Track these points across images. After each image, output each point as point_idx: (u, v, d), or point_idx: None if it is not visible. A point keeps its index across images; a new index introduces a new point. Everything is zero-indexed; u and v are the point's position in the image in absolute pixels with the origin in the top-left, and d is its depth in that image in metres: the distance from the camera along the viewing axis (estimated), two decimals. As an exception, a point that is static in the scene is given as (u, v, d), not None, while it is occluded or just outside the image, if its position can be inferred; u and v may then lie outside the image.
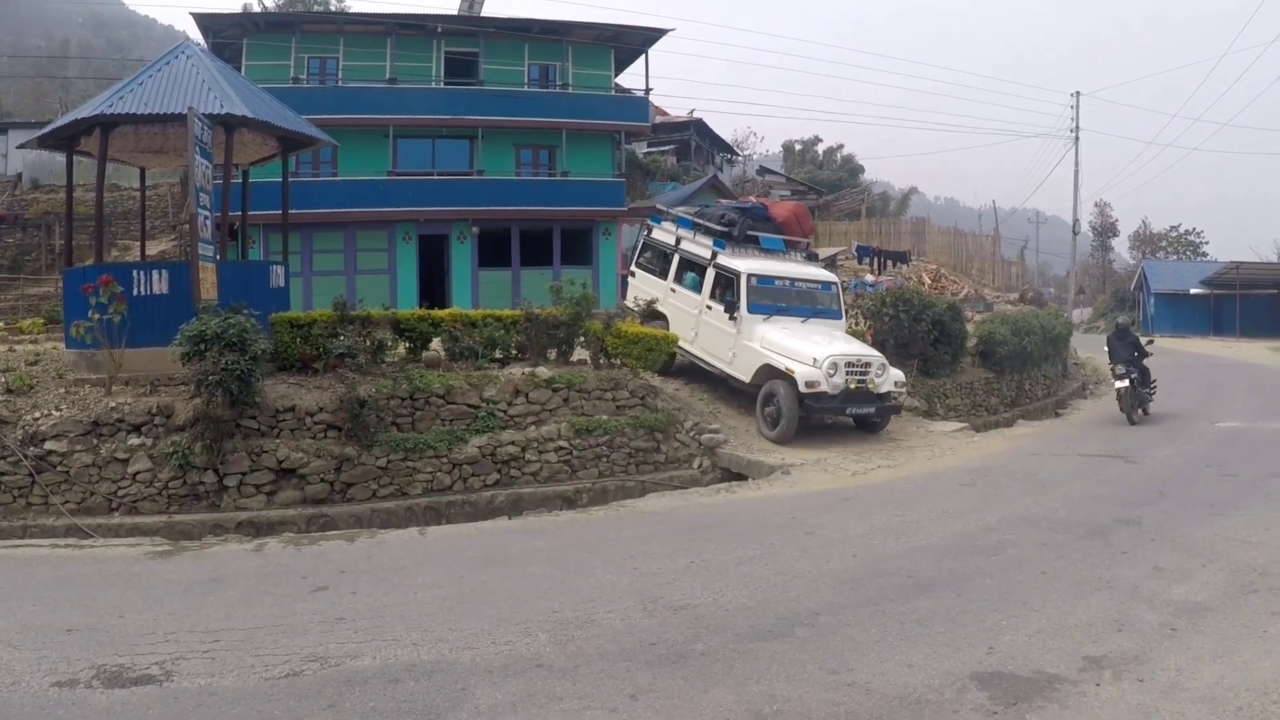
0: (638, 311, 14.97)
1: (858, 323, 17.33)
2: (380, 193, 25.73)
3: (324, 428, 10.66)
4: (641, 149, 39.66)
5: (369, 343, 11.85)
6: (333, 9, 42.11)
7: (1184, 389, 19.76)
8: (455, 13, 29.19)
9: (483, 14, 29.32)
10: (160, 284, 11.36)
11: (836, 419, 13.61)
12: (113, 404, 10.22)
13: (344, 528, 9.62)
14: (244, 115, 11.61)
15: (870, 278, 31.37)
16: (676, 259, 15.17)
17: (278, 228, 16.99)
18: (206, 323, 9.90)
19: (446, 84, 27.06)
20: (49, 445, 9.79)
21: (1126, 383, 15.47)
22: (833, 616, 5.80)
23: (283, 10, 39.61)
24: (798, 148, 59.36)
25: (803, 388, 12.42)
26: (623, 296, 18.25)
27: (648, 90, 30.47)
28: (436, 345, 12.80)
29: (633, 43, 29.38)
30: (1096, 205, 64.13)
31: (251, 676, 4.94)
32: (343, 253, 26.02)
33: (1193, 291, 44.34)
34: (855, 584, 6.53)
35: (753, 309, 13.59)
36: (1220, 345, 35.44)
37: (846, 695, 4.61)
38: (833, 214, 45.69)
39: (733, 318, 13.61)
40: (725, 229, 14.43)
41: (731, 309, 13.64)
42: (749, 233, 14.57)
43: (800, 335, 13.31)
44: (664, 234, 15.63)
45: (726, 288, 13.95)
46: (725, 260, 14.08)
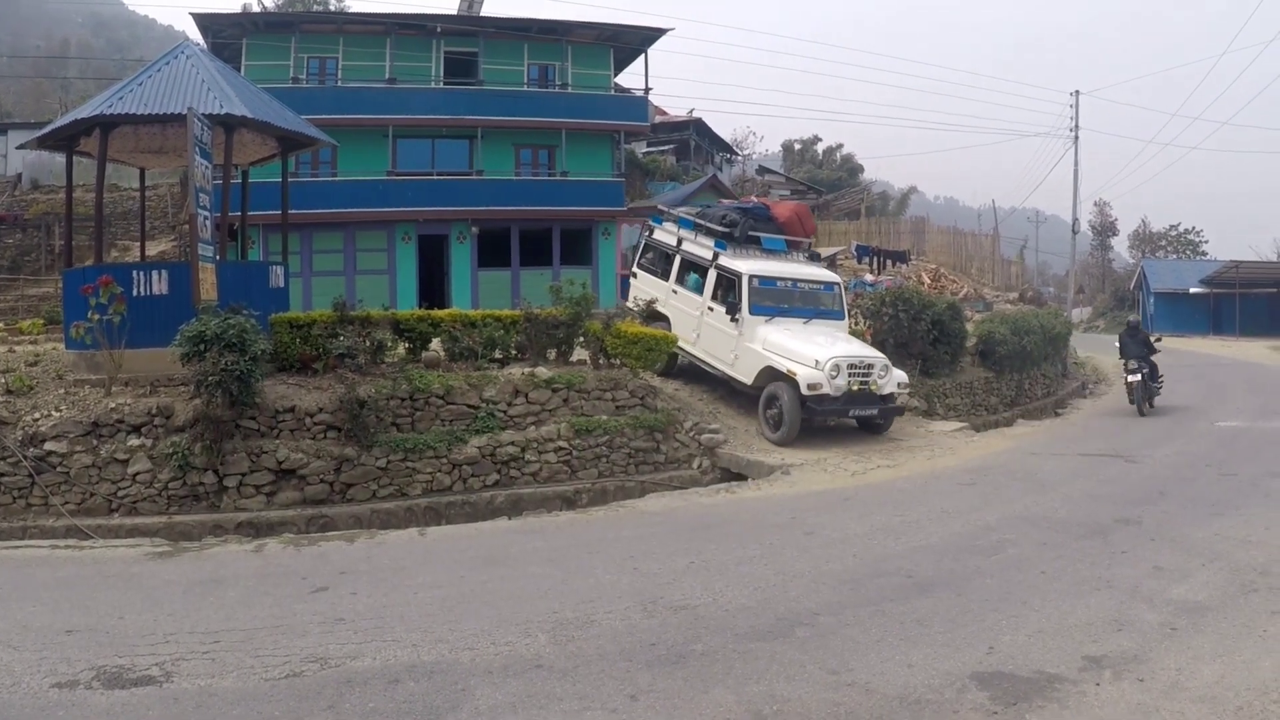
0: (639, 312, 14.93)
1: (857, 322, 17.31)
2: (380, 193, 25.72)
3: (324, 428, 10.66)
4: (641, 149, 39.65)
5: (369, 343, 11.86)
6: (332, 9, 42.08)
7: (1184, 388, 19.75)
8: (455, 12, 29.18)
9: (482, 14, 29.31)
10: (160, 284, 11.37)
11: (839, 421, 13.52)
12: (112, 405, 10.22)
13: (344, 528, 9.62)
14: (243, 115, 11.61)
15: (870, 277, 31.34)
16: (678, 260, 15.10)
17: (277, 228, 17.00)
18: (206, 323, 9.90)
19: (446, 84, 27.06)
20: (49, 446, 9.79)
21: (1138, 377, 16.34)
22: (833, 616, 5.80)
23: (282, 10, 39.59)
24: (797, 147, 59.34)
25: (805, 390, 12.34)
26: (625, 297, 18.22)
27: (647, 90, 30.54)
28: (436, 345, 12.81)
29: (632, 42, 29.38)
30: (1096, 204, 64.34)
31: (251, 677, 4.94)
32: (342, 253, 26.01)
33: (1192, 291, 44.33)
34: (855, 584, 6.53)
35: (754, 310, 13.50)
36: (1220, 344, 35.43)
37: (846, 695, 4.61)
38: (832, 214, 45.66)
39: (734, 319, 13.53)
40: (727, 229, 14.36)
41: (733, 310, 13.56)
42: (750, 233, 14.50)
43: (802, 337, 13.24)
44: (665, 235, 15.57)
45: (728, 289, 13.87)
46: (727, 261, 14.00)
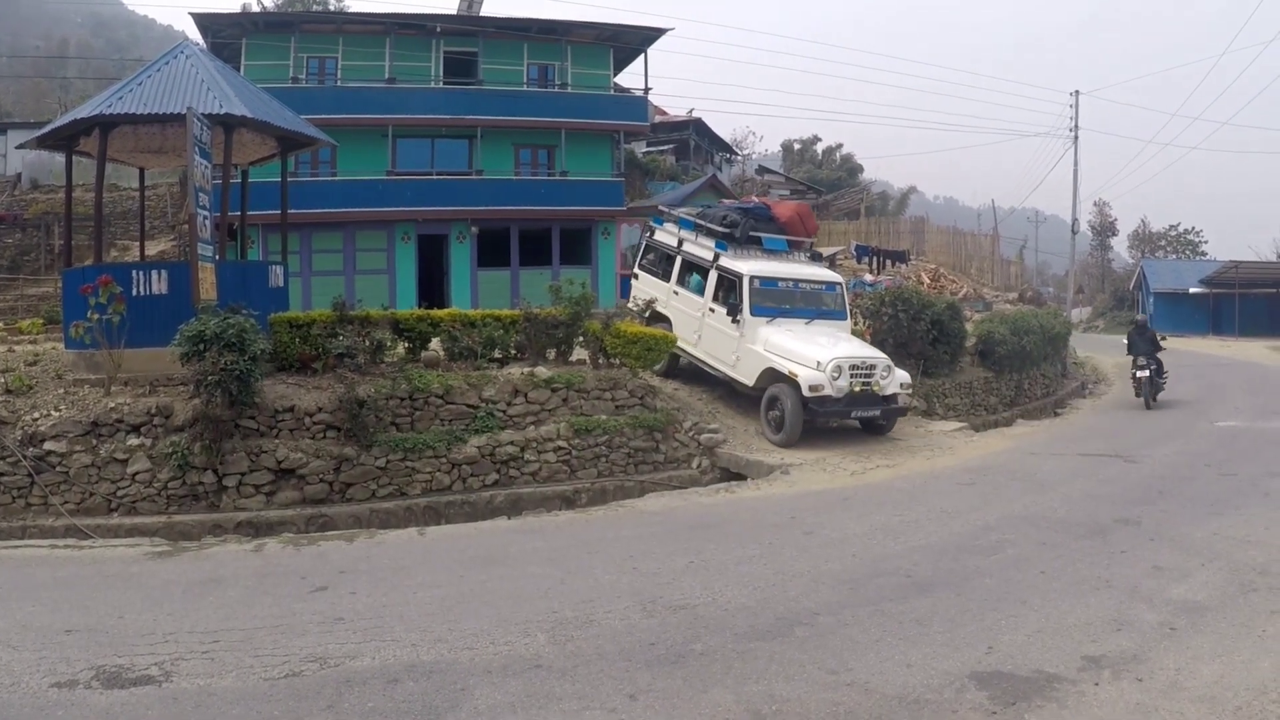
0: (638, 312, 14.90)
1: (857, 322, 17.30)
2: (379, 193, 25.71)
3: (323, 428, 10.66)
4: (641, 149, 39.65)
5: (368, 343, 11.86)
6: (332, 9, 42.08)
7: (1183, 388, 19.75)
8: (454, 12, 29.17)
9: (482, 14, 29.29)
10: (159, 284, 11.37)
11: (841, 422, 13.43)
12: (112, 404, 10.22)
13: (343, 528, 9.63)
14: (243, 115, 11.60)
15: (869, 277, 31.32)
16: (679, 261, 15.04)
17: (277, 228, 16.99)
18: (205, 323, 9.89)
19: (445, 84, 27.04)
20: (48, 446, 9.79)
21: (1146, 373, 17.33)
22: (832, 616, 5.80)
23: (282, 10, 39.58)
24: (796, 147, 59.34)
25: (806, 392, 12.26)
26: (625, 297, 18.21)
27: (647, 90, 30.51)
28: (435, 345, 12.81)
29: (632, 42, 29.37)
30: (1095, 204, 64.36)
31: (251, 677, 4.94)
32: (342, 253, 25.99)
33: (1192, 291, 44.32)
34: (854, 584, 6.54)
35: (756, 311, 13.42)
36: (1219, 344, 35.41)
37: (846, 695, 4.61)
38: (831, 213, 45.66)
39: (735, 320, 13.46)
40: (727, 230, 14.29)
41: (734, 311, 13.49)
42: (752, 233, 14.43)
43: (804, 338, 13.16)
44: (666, 235, 15.51)
45: (729, 290, 13.80)
46: (728, 262, 13.93)
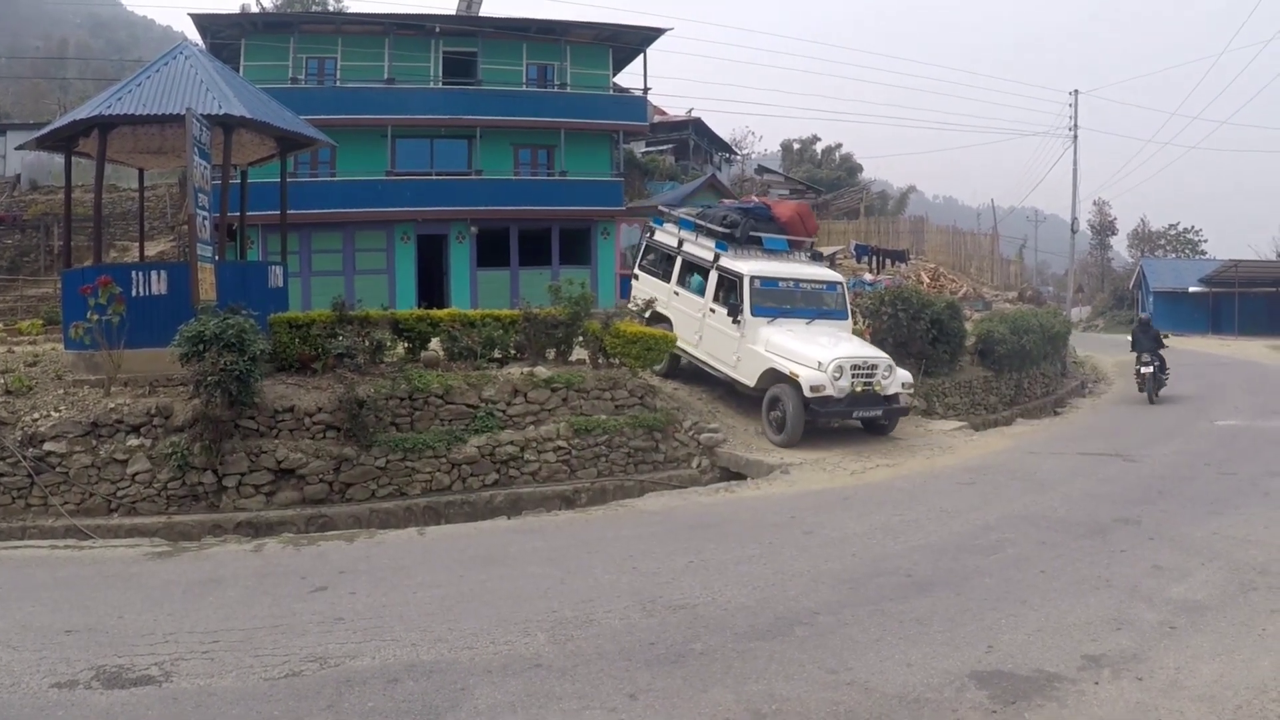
0: (638, 312, 14.88)
1: (856, 322, 17.29)
2: (379, 193, 25.71)
3: (323, 428, 10.66)
4: (640, 148, 39.65)
5: (368, 343, 11.86)
6: (331, 9, 42.08)
7: (1184, 387, 19.77)
8: (453, 13, 29.17)
9: (481, 14, 29.30)
10: (159, 285, 11.36)
11: (843, 423, 13.39)
12: (111, 405, 10.22)
13: (343, 528, 9.62)
14: (242, 116, 11.60)
15: (869, 276, 31.32)
16: (679, 261, 15.00)
17: (276, 228, 16.99)
18: (205, 323, 9.89)
19: (445, 84, 27.04)
20: (48, 446, 9.79)
21: (1150, 369, 18.12)
22: (832, 616, 5.80)
23: (281, 11, 39.58)
24: (796, 147, 59.32)
25: (808, 392, 12.22)
26: (624, 297, 18.17)
27: (646, 90, 30.53)
28: (435, 345, 12.80)
29: (631, 42, 29.37)
30: (1095, 204, 64.29)
31: (251, 677, 4.94)
32: (341, 253, 26.00)
33: (1191, 290, 44.33)
34: (854, 583, 6.53)
35: (756, 311, 13.37)
36: (1219, 343, 35.39)
37: (846, 694, 4.61)
38: (831, 213, 45.66)
39: (736, 321, 13.42)
40: (728, 230, 14.25)
41: (735, 312, 13.45)
42: (752, 233, 14.40)
43: (805, 338, 13.12)
44: (666, 236, 15.47)
45: (730, 290, 13.76)
46: (728, 262, 13.89)
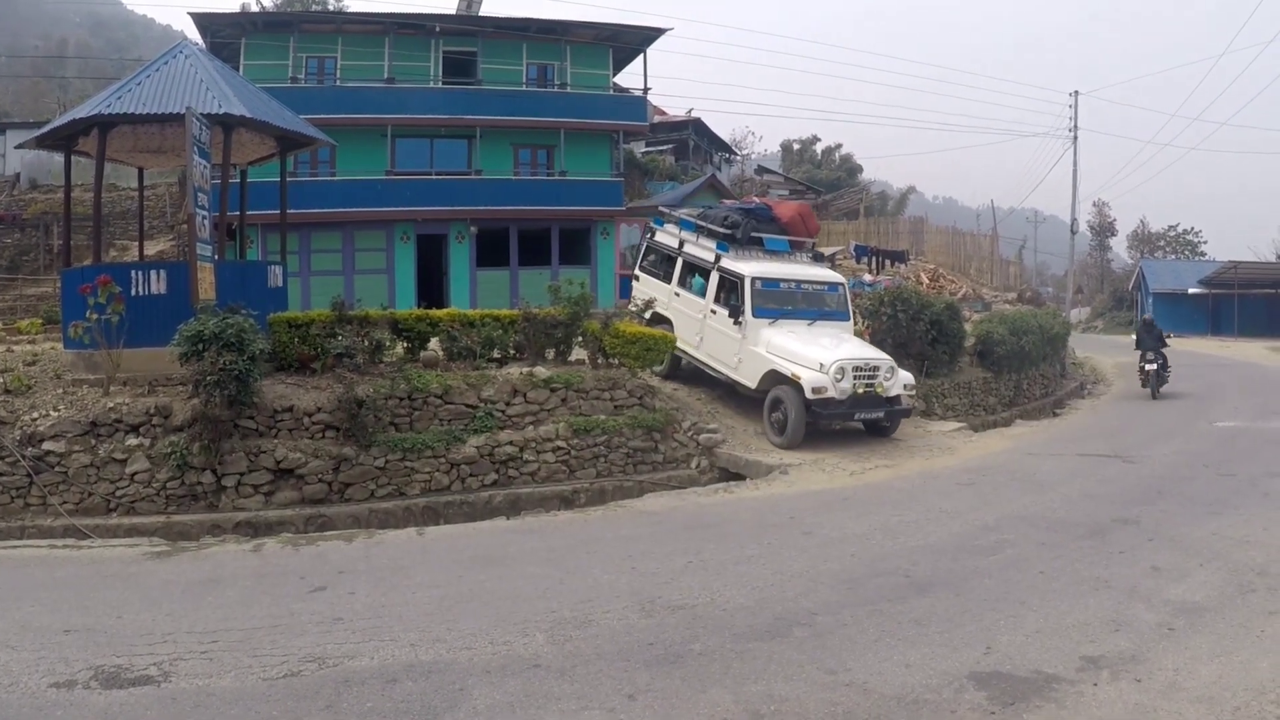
0: (637, 312, 14.85)
1: (856, 323, 17.28)
2: (378, 192, 25.69)
3: (322, 428, 10.66)
4: (640, 149, 39.63)
5: (367, 343, 11.85)
6: (331, 9, 42.07)
7: (1183, 388, 19.81)
8: (453, 12, 29.17)
9: (481, 13, 29.29)
10: (158, 284, 11.35)
11: (845, 424, 13.33)
12: (111, 404, 10.22)
13: (342, 528, 9.62)
14: (242, 115, 11.59)
15: (868, 277, 31.29)
16: (680, 262, 14.94)
17: (276, 227, 16.98)
18: (204, 323, 9.89)
19: (445, 84, 27.02)
20: (47, 446, 9.78)
21: (1154, 366, 19.03)
22: (830, 616, 5.80)
23: (281, 10, 39.57)
24: (796, 147, 59.31)
25: (809, 394, 12.16)
26: (624, 297, 18.14)
27: (646, 90, 30.48)
28: (434, 345, 12.80)
29: (631, 42, 29.35)
30: (1095, 205, 64.32)
31: (249, 677, 4.94)
32: (341, 253, 25.98)
33: (1191, 291, 44.36)
34: (853, 584, 6.54)
35: (757, 312, 13.29)
36: (1218, 345, 35.42)
37: (844, 695, 4.61)
38: (831, 213, 45.63)
39: (737, 322, 13.35)
40: (729, 231, 14.19)
41: (736, 313, 13.39)
42: (753, 234, 14.34)
43: (807, 339, 13.05)
44: (667, 237, 15.41)
45: (731, 291, 13.71)
46: (729, 263, 13.83)
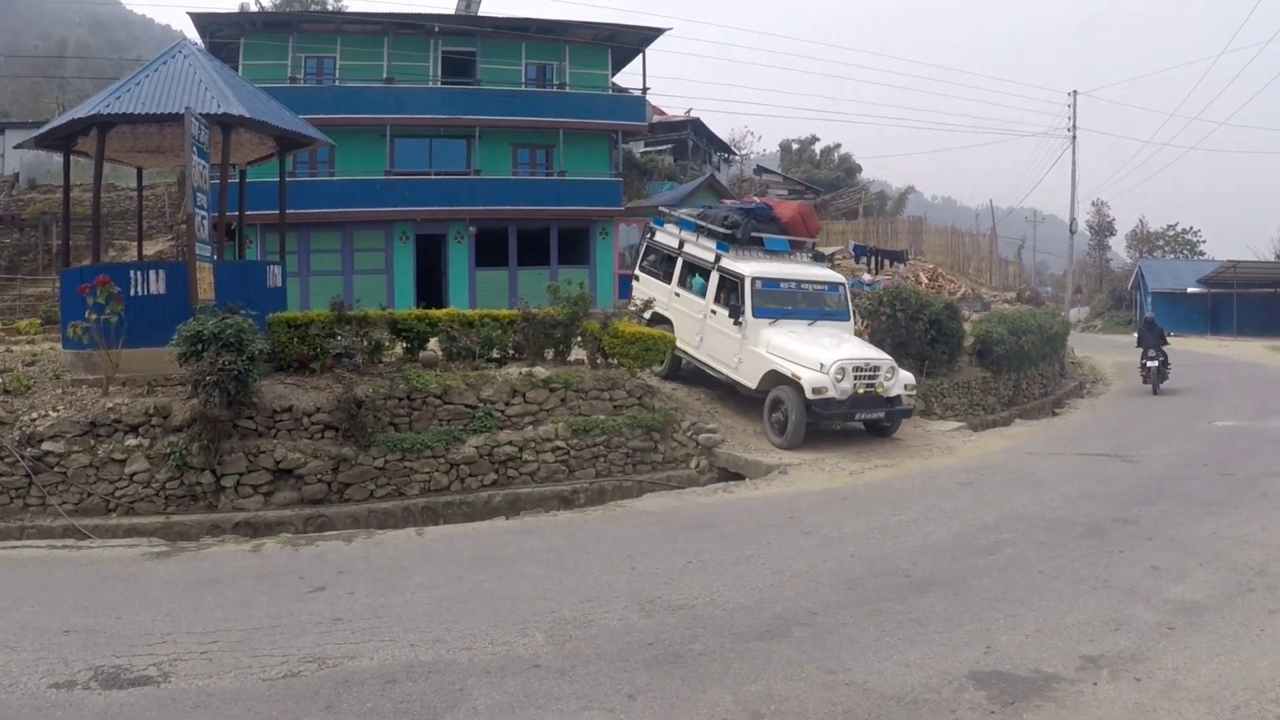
0: (636, 312, 14.84)
1: (855, 322, 17.26)
2: (377, 193, 25.69)
3: (321, 428, 10.66)
4: (639, 148, 39.62)
5: (366, 343, 11.84)
6: (330, 9, 42.03)
7: (1182, 388, 19.83)
8: (452, 12, 29.16)
9: (480, 13, 29.29)
10: (157, 284, 11.35)
11: (845, 424, 13.30)
12: (110, 404, 10.21)
13: (341, 528, 9.62)
14: (241, 115, 11.58)
15: (867, 277, 31.27)
16: (680, 262, 14.91)
17: (275, 228, 16.97)
18: (204, 323, 9.88)
19: (444, 84, 27.02)
20: (46, 446, 9.78)
21: (1155, 363, 19.81)
22: (830, 616, 5.80)
23: (280, 10, 39.54)
24: (795, 147, 59.32)
25: (809, 394, 12.13)
26: (623, 297, 18.11)
27: (645, 90, 30.47)
28: (434, 345, 12.80)
29: (630, 42, 29.35)
30: (1094, 204, 64.33)
31: (249, 677, 4.94)
32: (340, 253, 25.98)
33: (1190, 291, 44.36)
34: (852, 584, 6.54)
35: (758, 313, 13.26)
36: (1218, 344, 35.42)
37: (844, 695, 4.61)
38: (830, 213, 45.63)
39: (737, 322, 13.32)
40: (729, 231, 14.16)
41: (736, 313, 13.36)
42: (753, 234, 14.32)
43: (807, 339, 13.02)
44: (667, 237, 15.38)
45: (731, 291, 13.68)
46: (729, 263, 13.80)
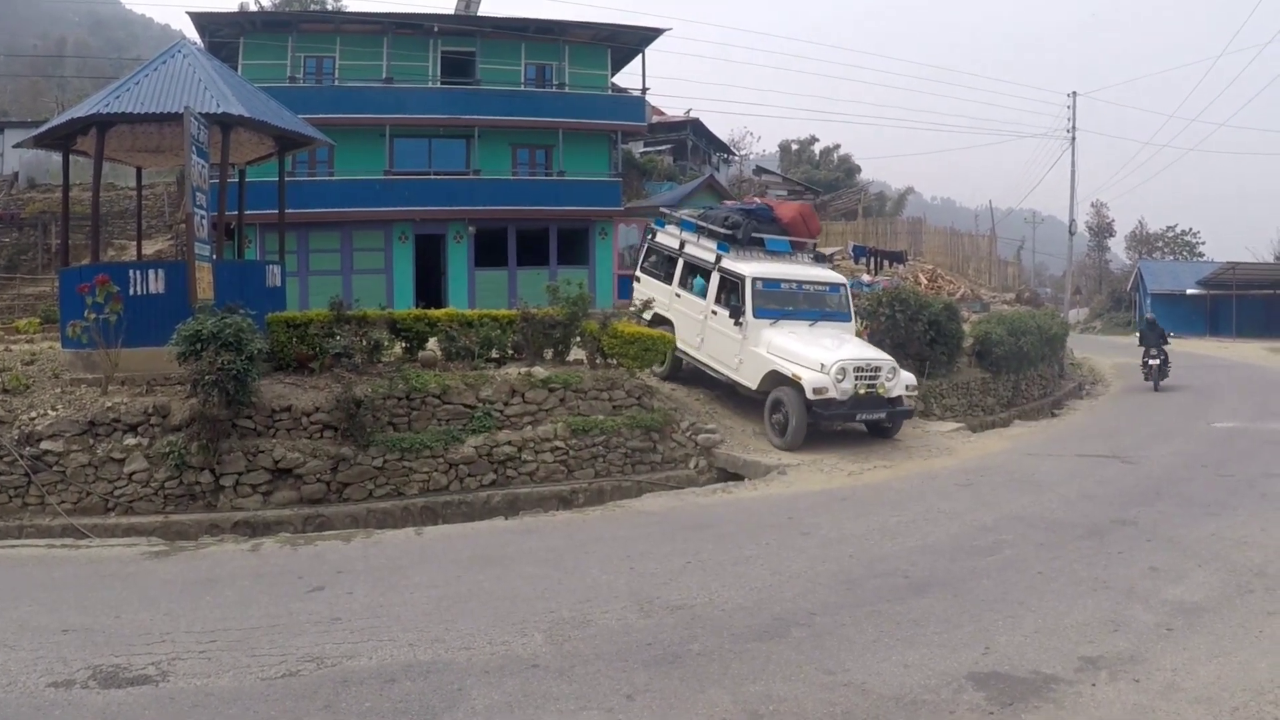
0: (635, 313, 14.82)
1: (854, 323, 17.24)
2: (377, 192, 25.69)
3: (320, 428, 10.65)
4: (638, 149, 39.60)
5: (365, 342, 11.84)
6: (329, 8, 42.02)
7: (1181, 389, 19.86)
8: (452, 12, 29.15)
9: (479, 13, 29.29)
10: (156, 284, 11.34)
11: (846, 425, 13.28)
12: (109, 404, 10.21)
13: (340, 528, 9.61)
14: (240, 114, 11.57)
15: (866, 277, 31.29)
16: (681, 263, 14.88)
17: (274, 227, 16.94)
18: (203, 322, 9.87)
19: (443, 83, 27.02)
20: (45, 445, 9.77)
21: (1157, 361, 20.88)
22: (829, 617, 5.80)
23: (279, 10, 39.52)
24: (794, 147, 59.33)
25: (810, 394, 12.11)
26: (622, 297, 18.09)
27: (644, 90, 30.45)
28: (433, 345, 12.80)
29: (629, 42, 29.35)
30: (1093, 205, 64.09)
31: (248, 677, 4.94)
32: (339, 252, 25.97)
33: (1189, 292, 44.37)
34: (851, 584, 6.54)
35: (758, 313, 13.23)
36: (1217, 346, 35.45)
37: (843, 695, 4.62)
38: (829, 214, 45.62)
39: (738, 323, 13.30)
40: (729, 232, 14.14)
41: (737, 314, 13.34)
42: (754, 235, 14.30)
43: (808, 340, 13.00)
44: (667, 238, 15.36)
45: (731, 292, 13.66)
46: (730, 264, 13.78)
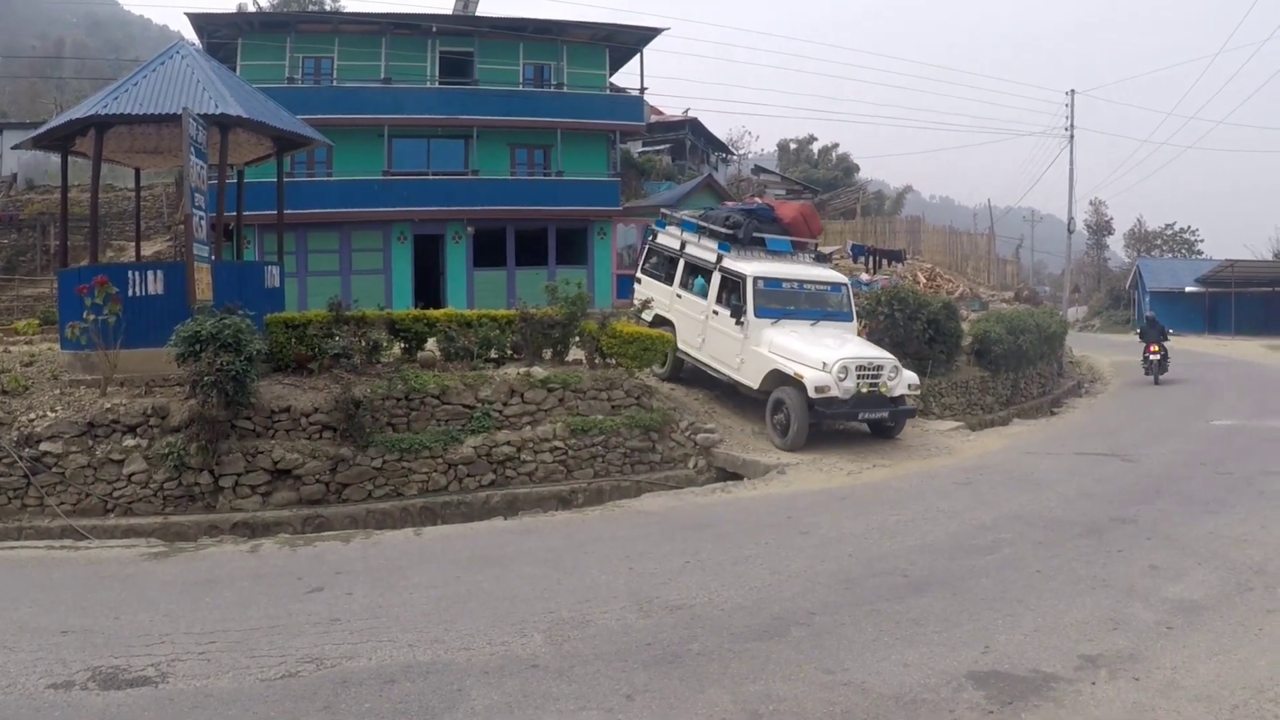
0: (634, 312, 14.81)
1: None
2: (375, 193, 25.67)
3: (319, 428, 10.65)
4: (636, 148, 39.58)
5: (364, 343, 11.84)
6: (328, 9, 42.01)
7: (1180, 388, 19.87)
8: (450, 12, 29.14)
9: (477, 13, 29.27)
10: (155, 285, 11.35)
11: (848, 425, 13.26)
12: (108, 405, 10.21)
13: (339, 528, 9.61)
14: (239, 115, 11.58)
15: (865, 276, 31.27)
16: (682, 263, 14.87)
17: (273, 228, 16.90)
18: (201, 323, 9.88)
19: (441, 84, 27.00)
20: (44, 446, 9.78)
21: (1157, 356, 21.63)
22: (828, 616, 5.80)
23: (277, 10, 39.51)
24: (793, 147, 59.32)
25: (812, 393, 12.09)
26: (621, 297, 18.08)
27: (643, 89, 30.39)
28: (432, 345, 12.80)
29: (628, 42, 29.33)
30: (1092, 203, 64.09)
31: (247, 678, 4.93)
32: (338, 253, 25.96)
33: (1188, 290, 44.39)
34: (851, 583, 6.54)
35: (760, 313, 13.22)
36: (1215, 343, 35.46)
37: (842, 695, 4.61)
38: (828, 213, 45.61)
39: (739, 323, 13.28)
40: (730, 231, 14.13)
41: (738, 313, 13.32)
42: (755, 234, 14.30)
43: (809, 339, 12.99)
44: (668, 238, 15.35)
45: (733, 292, 13.65)
46: (731, 263, 13.76)
